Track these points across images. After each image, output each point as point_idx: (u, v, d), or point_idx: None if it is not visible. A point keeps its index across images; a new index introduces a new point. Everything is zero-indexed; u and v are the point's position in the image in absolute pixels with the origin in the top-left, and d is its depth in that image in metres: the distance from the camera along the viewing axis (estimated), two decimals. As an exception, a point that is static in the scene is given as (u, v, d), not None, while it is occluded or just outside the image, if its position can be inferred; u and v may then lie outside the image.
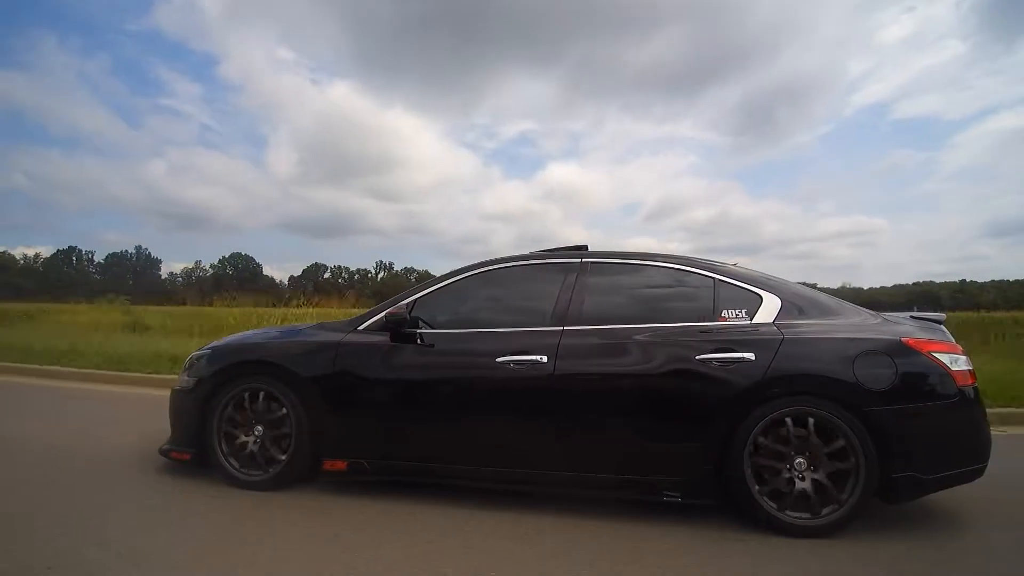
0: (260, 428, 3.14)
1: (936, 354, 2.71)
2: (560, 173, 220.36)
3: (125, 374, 7.31)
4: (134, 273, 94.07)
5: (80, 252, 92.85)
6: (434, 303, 3.26)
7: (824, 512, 2.62)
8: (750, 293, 2.96)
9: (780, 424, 2.67)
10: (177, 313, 19.04)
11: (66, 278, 76.58)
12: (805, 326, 2.84)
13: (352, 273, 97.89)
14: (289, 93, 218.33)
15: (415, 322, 3.13)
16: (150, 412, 4.78)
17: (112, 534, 2.49)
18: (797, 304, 2.93)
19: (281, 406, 3.12)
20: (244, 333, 3.76)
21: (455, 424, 3.02)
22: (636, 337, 2.89)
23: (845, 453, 2.61)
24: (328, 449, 3.09)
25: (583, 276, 3.13)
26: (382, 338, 3.13)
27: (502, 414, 2.97)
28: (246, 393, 3.18)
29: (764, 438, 2.68)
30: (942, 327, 2.92)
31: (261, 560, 2.29)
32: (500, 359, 2.92)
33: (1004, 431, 5.16)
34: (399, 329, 3.09)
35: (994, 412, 5.00)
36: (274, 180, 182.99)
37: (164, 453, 3.33)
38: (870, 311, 3.02)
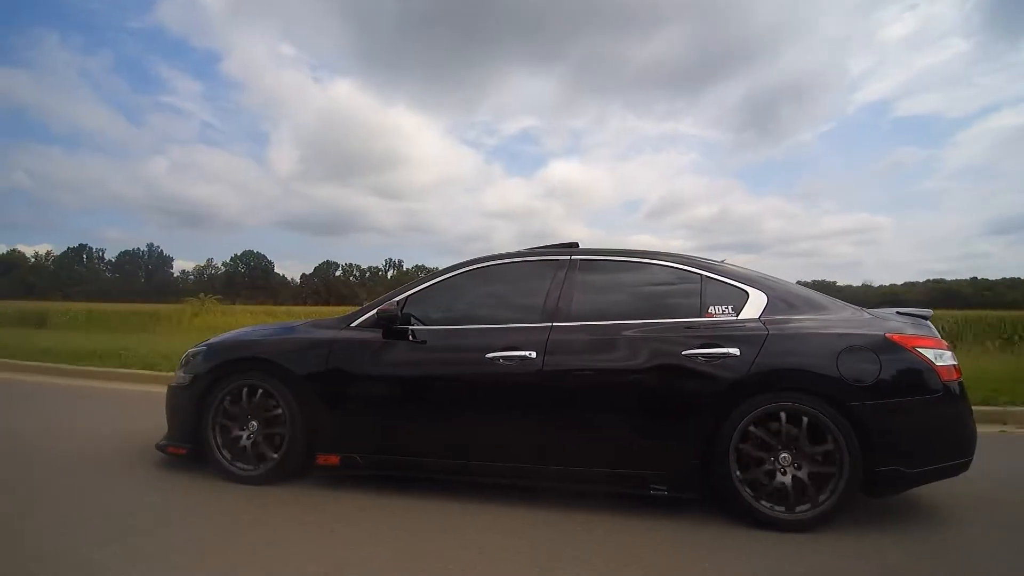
0: (255, 424, 3.20)
1: (921, 349, 2.71)
2: (562, 170, 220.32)
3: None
4: (146, 271, 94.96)
5: (91, 250, 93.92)
6: (426, 300, 3.30)
7: (809, 505, 2.63)
8: (737, 289, 2.97)
9: (765, 419, 2.69)
10: (276, 312, 19.73)
11: (77, 276, 77.27)
12: (790, 322, 2.85)
13: (364, 271, 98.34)
14: (291, 90, 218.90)
15: (407, 319, 3.17)
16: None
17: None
18: (783, 300, 2.94)
19: (275, 402, 3.17)
20: (240, 330, 3.82)
21: (446, 419, 3.06)
22: (624, 333, 2.91)
23: (829, 447, 2.62)
24: (321, 444, 3.14)
25: (572, 273, 3.15)
26: (374, 335, 3.17)
27: (492, 409, 3.01)
28: (241, 389, 3.23)
29: (749, 433, 2.69)
30: (928, 323, 2.92)
31: (260, 558, 2.29)
32: (490, 355, 2.95)
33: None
34: (391, 326, 3.12)
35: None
36: (276, 178, 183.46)
37: (161, 448, 3.40)
38: (858, 307, 3.02)
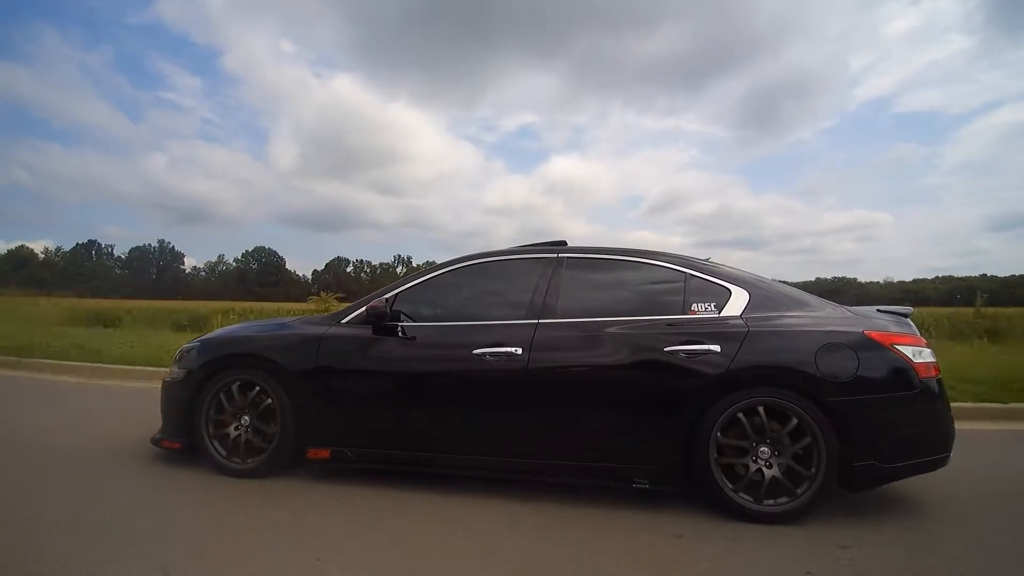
0: (247, 418, 3.26)
1: (899, 347, 2.74)
2: (563, 167, 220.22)
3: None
4: (157, 267, 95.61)
5: (99, 246, 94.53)
6: (415, 297, 3.35)
7: (787, 498, 2.67)
8: (719, 287, 3.01)
9: (745, 414, 2.72)
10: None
11: (88, 272, 77.99)
12: (771, 319, 2.88)
13: (375, 267, 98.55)
14: (291, 86, 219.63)
15: (396, 315, 3.23)
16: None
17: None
18: (765, 298, 2.97)
19: (267, 397, 3.24)
20: (233, 326, 3.89)
21: (434, 414, 3.11)
22: (608, 330, 2.95)
23: (807, 442, 2.66)
24: (312, 438, 3.20)
25: (559, 271, 3.19)
26: (364, 331, 3.22)
27: (479, 404, 3.06)
28: (234, 384, 3.29)
29: (729, 427, 2.74)
30: (908, 320, 2.95)
31: (250, 550, 2.30)
32: (477, 351, 3.00)
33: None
34: (380, 322, 3.18)
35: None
36: (276, 174, 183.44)
37: (156, 442, 3.46)
38: (839, 305, 3.05)
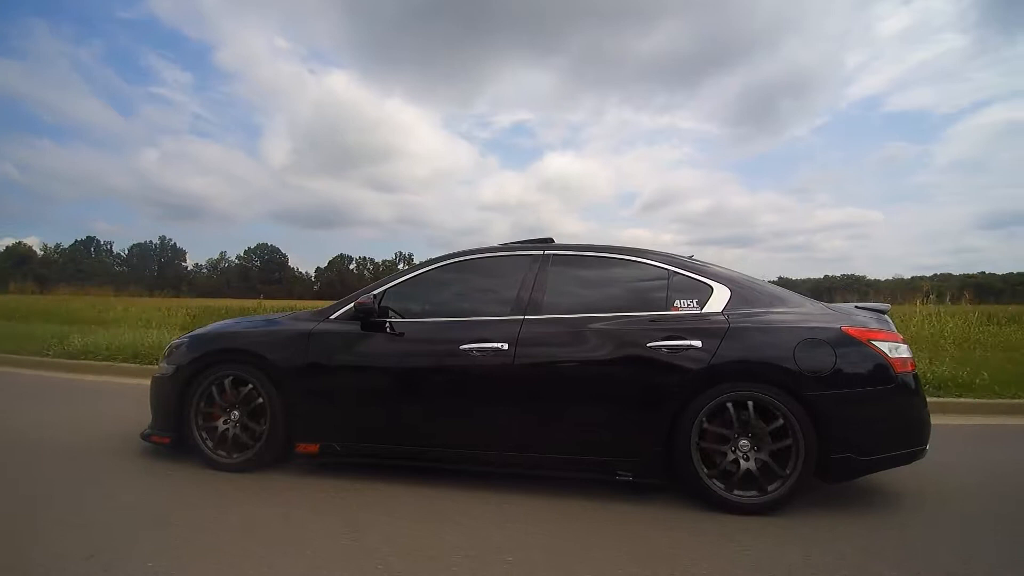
0: (236, 413, 3.30)
1: (876, 342, 2.78)
2: (558, 164, 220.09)
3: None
4: (159, 264, 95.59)
5: (98, 243, 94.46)
6: (403, 293, 3.39)
7: (768, 490, 2.73)
8: (702, 284, 3.05)
9: (725, 408, 2.77)
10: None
11: (88, 269, 77.96)
12: (752, 315, 2.92)
13: (377, 265, 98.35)
14: (286, 83, 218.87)
15: (384, 311, 3.26)
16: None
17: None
18: (747, 294, 3.01)
19: (256, 392, 3.27)
20: (222, 322, 3.91)
21: (421, 409, 3.15)
22: (592, 326, 2.99)
23: (785, 435, 2.71)
24: (301, 432, 3.24)
25: (545, 267, 3.23)
26: (352, 327, 3.26)
27: (466, 399, 3.09)
28: (223, 379, 3.33)
29: (710, 421, 2.78)
30: (886, 316, 3.00)
31: (254, 554, 2.27)
32: (464, 346, 3.04)
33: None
34: (368, 318, 3.22)
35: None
36: (269, 170, 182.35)
37: (145, 437, 3.50)
38: (818, 302, 3.09)
